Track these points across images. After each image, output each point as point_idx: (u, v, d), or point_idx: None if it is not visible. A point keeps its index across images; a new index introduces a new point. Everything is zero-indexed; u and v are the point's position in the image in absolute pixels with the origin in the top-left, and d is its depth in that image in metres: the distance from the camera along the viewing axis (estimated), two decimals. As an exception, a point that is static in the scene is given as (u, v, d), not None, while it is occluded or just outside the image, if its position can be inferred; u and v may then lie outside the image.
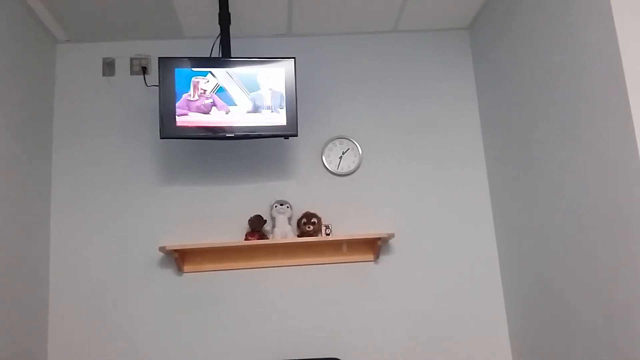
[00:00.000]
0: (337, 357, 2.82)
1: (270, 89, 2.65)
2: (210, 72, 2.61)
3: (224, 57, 2.69)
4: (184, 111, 2.58)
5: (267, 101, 2.64)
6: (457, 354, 2.84)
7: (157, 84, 2.66)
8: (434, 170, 3.03)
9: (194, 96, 2.58)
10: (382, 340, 2.84)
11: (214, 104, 2.60)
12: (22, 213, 2.58)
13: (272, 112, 2.64)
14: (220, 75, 2.62)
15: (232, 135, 2.61)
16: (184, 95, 2.58)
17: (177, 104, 2.57)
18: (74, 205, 2.90)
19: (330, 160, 3.00)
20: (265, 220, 2.85)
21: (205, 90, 2.59)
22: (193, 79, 2.59)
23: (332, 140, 3.02)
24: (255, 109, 2.63)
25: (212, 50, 2.86)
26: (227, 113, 2.61)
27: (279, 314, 2.85)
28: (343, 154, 3.01)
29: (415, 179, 3.01)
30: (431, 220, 2.98)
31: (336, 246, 2.91)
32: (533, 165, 2.49)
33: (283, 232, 2.80)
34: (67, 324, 2.79)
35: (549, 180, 2.35)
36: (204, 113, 2.59)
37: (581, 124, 2.08)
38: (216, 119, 2.60)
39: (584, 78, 2.05)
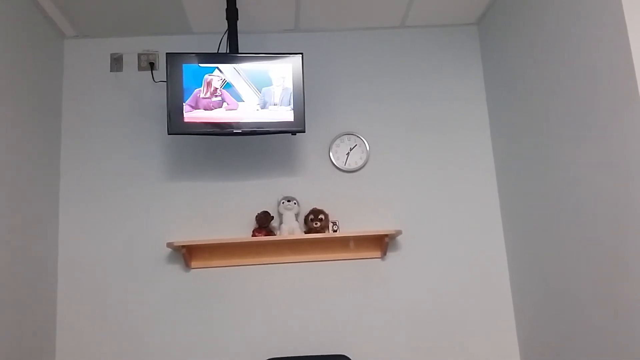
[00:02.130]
0: (344, 354, 2.81)
1: (278, 85, 2.64)
2: (217, 67, 2.61)
3: (231, 53, 2.68)
4: (193, 107, 2.58)
5: (275, 97, 2.63)
6: (465, 351, 2.83)
7: (165, 80, 2.66)
8: (442, 167, 3.01)
9: (205, 93, 2.57)
10: (389, 337, 2.84)
11: (223, 101, 2.59)
12: (30, 209, 2.59)
13: (279, 108, 2.63)
14: (228, 71, 2.61)
15: (240, 131, 2.60)
16: (195, 91, 2.58)
17: (187, 101, 2.57)
18: (82, 201, 2.91)
19: (337, 156, 2.99)
20: (273, 217, 2.85)
21: (217, 88, 2.59)
22: (206, 76, 2.58)
23: (339, 136, 3.01)
24: (263, 105, 2.62)
25: (219, 45, 2.85)
26: (234, 109, 2.60)
27: (286, 310, 2.85)
28: (350, 150, 3.00)
29: (423, 176, 3.00)
30: (439, 217, 2.96)
31: (343, 243, 2.91)
32: (541, 163, 2.48)
33: (290, 228, 2.80)
34: (74, 319, 2.80)
35: (558, 178, 2.33)
36: (212, 109, 2.59)
37: (591, 122, 2.06)
38: (224, 115, 2.59)
39: (594, 74, 2.03)
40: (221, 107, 2.59)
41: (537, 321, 2.62)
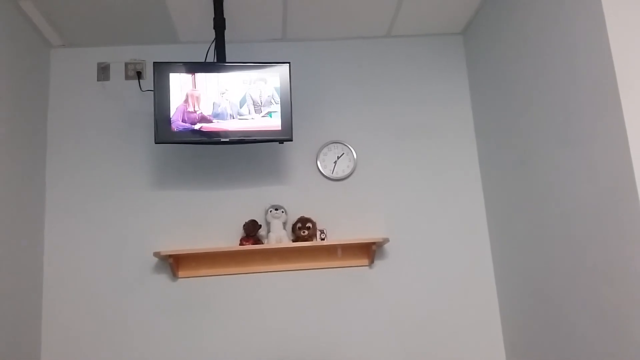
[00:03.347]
0: (332, 362, 2.81)
1: (265, 94, 2.65)
2: (205, 77, 2.61)
3: (218, 62, 2.69)
4: (179, 118, 2.58)
5: (262, 106, 2.64)
6: (452, 359, 2.84)
7: (152, 89, 2.66)
8: (429, 175, 3.03)
9: (190, 107, 2.58)
10: (377, 345, 2.84)
11: (209, 113, 2.60)
12: (16, 218, 2.57)
13: (266, 116, 2.64)
14: (215, 80, 2.62)
15: (227, 140, 2.60)
16: (179, 107, 2.58)
17: (172, 117, 2.57)
18: (68, 209, 2.89)
19: (325, 164, 3.00)
20: (260, 225, 2.85)
21: (199, 100, 2.59)
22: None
23: (326, 144, 3.02)
24: (250, 114, 2.63)
25: (207, 55, 2.86)
26: (221, 118, 2.60)
27: (273, 319, 2.84)
28: (338, 158, 3.01)
29: (409, 184, 3.02)
30: (426, 224, 2.98)
31: (331, 251, 2.91)
32: (527, 170, 2.50)
33: (278, 236, 2.80)
34: (60, 329, 2.77)
35: (543, 185, 2.36)
36: (199, 122, 2.59)
37: (574, 128, 2.09)
38: (211, 124, 2.60)
39: (576, 83, 2.06)
40: (207, 119, 2.59)
41: (523, 327, 2.63)
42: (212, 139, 2.60)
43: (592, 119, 1.98)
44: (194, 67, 2.62)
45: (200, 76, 2.61)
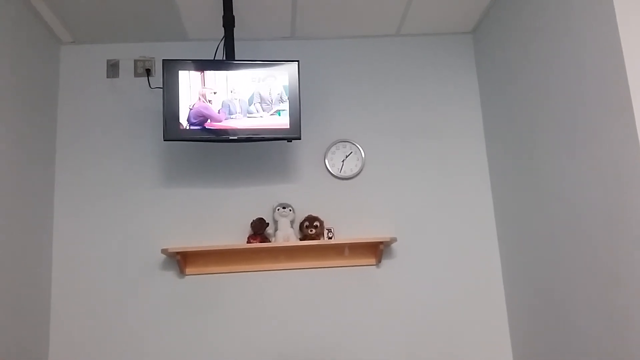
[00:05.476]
0: (339, 361, 2.81)
1: (274, 92, 2.65)
2: (214, 74, 2.61)
3: (227, 60, 2.69)
4: (191, 116, 2.58)
5: (271, 104, 2.64)
6: (459, 359, 2.83)
7: (161, 86, 2.66)
8: (437, 174, 3.03)
9: (207, 102, 2.58)
10: (384, 345, 2.84)
11: (220, 109, 2.60)
12: (25, 214, 2.58)
13: (275, 115, 2.64)
14: (224, 77, 2.62)
15: (236, 138, 2.61)
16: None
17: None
18: (77, 206, 2.90)
19: (333, 163, 3.00)
20: (268, 223, 2.85)
21: (212, 99, 2.59)
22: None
23: (335, 143, 3.02)
24: (259, 112, 2.63)
25: (216, 52, 2.86)
26: (230, 116, 2.61)
27: (280, 318, 2.84)
28: (346, 157, 3.01)
29: (418, 183, 3.01)
30: (434, 224, 2.97)
31: (338, 250, 2.91)
32: (536, 170, 2.49)
33: (285, 235, 2.80)
34: (68, 325, 2.79)
35: (552, 186, 2.35)
36: (209, 117, 2.59)
37: (584, 129, 2.08)
38: (220, 121, 2.60)
39: (587, 83, 2.05)
40: (216, 114, 2.60)
41: (530, 329, 2.62)
42: (220, 136, 2.60)
43: (602, 120, 1.96)
44: (203, 65, 2.62)
45: (209, 74, 2.61)
